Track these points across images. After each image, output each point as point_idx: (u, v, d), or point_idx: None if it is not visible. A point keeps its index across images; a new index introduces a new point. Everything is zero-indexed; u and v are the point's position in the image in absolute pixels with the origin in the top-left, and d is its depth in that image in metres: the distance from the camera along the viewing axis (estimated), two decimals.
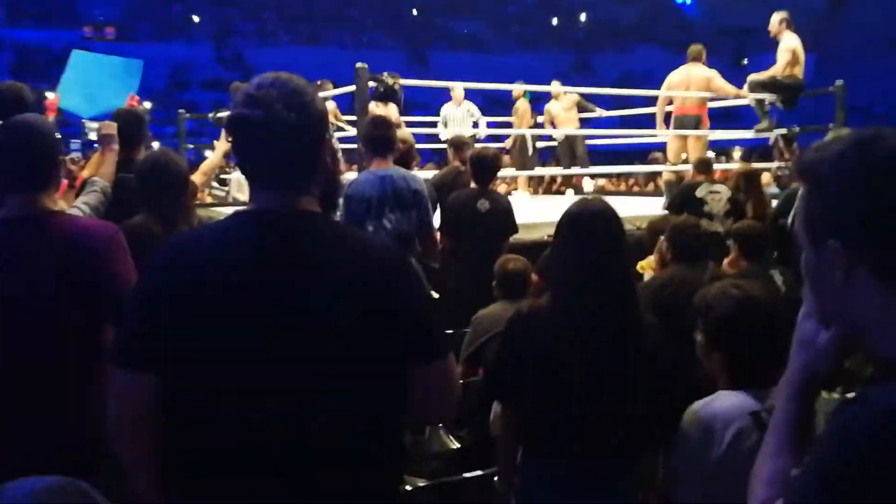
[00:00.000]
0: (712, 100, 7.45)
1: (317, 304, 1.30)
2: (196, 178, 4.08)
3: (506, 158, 10.04)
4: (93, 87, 5.36)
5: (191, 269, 1.31)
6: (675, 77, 7.32)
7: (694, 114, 7.10)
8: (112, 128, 3.28)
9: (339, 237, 1.40)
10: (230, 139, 1.38)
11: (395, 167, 3.99)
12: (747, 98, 7.43)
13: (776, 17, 7.38)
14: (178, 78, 28.82)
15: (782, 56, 7.26)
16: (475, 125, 8.61)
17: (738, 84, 7.52)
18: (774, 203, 5.55)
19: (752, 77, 7.45)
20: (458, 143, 5.76)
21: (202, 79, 28.76)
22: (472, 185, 4.81)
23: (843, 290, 0.89)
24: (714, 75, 7.19)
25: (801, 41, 7.43)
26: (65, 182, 4.22)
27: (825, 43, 36.44)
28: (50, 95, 5.24)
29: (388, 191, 3.82)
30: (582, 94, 9.54)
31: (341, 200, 3.78)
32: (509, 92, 9.82)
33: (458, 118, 8.64)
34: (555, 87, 9.29)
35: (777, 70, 7.31)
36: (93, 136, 3.52)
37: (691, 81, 7.18)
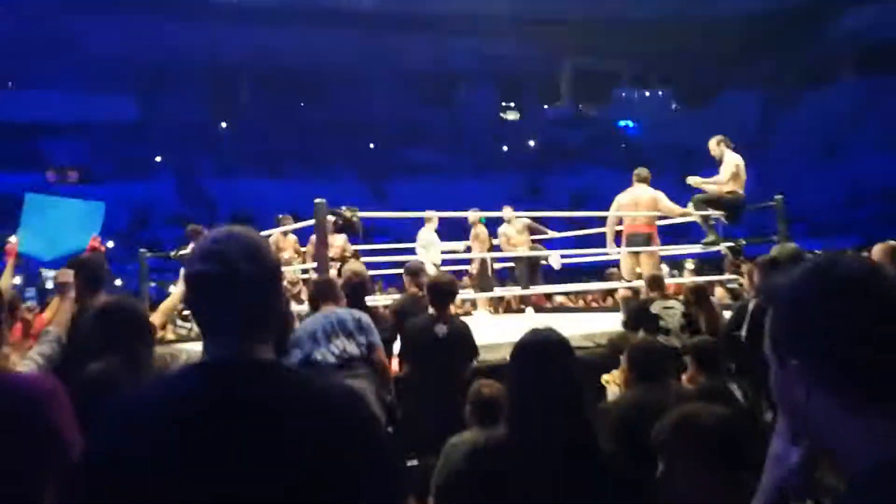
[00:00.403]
0: (661, 218, 7.79)
1: (271, 460, 1.28)
2: (156, 318, 4.10)
3: (467, 280, 10.28)
4: (53, 230, 5.38)
5: (140, 431, 1.29)
6: (623, 198, 7.66)
7: (644, 232, 7.39)
8: (68, 275, 3.28)
9: (293, 386, 1.40)
10: (187, 293, 1.40)
11: (339, 308, 4.26)
12: (693, 216, 7.77)
13: (713, 141, 7.85)
14: (141, 216, 29.00)
15: (727, 168, 7.66)
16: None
17: (683, 199, 7.89)
18: (728, 315, 5.70)
19: (697, 196, 7.82)
20: (413, 270, 5.86)
21: (165, 216, 28.97)
22: (430, 310, 4.88)
23: (807, 408, 0.93)
24: (660, 196, 7.55)
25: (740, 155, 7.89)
26: (19, 330, 4.18)
27: (763, 155, 38.33)
28: (12, 240, 5.26)
29: (331, 322, 4.14)
30: (533, 217, 9.96)
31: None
32: (466, 218, 10.12)
33: (438, 242, 8.86)
34: (506, 212, 9.64)
35: (721, 181, 7.68)
36: (49, 283, 3.53)
37: (639, 202, 7.51)
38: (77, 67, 35.12)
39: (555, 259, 9.38)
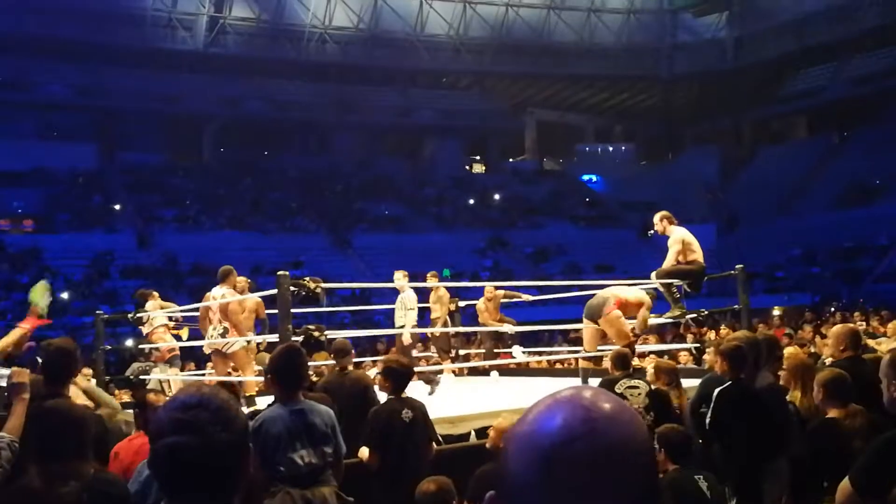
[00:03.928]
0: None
1: None
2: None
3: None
4: None
5: None
6: None
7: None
8: (23, 375, 3.09)
9: None
10: (155, 461, 1.37)
11: (307, 401, 3.94)
12: (655, 285, 7.83)
13: (656, 218, 7.93)
14: (99, 267, 28.36)
15: (672, 248, 7.73)
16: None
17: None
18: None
19: (656, 271, 7.89)
20: (338, 349, 5.89)
21: (123, 267, 28.42)
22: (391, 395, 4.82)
23: None
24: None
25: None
26: None
27: (722, 211, 39.17)
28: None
29: (299, 426, 3.74)
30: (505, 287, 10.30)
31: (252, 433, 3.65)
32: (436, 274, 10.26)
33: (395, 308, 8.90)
34: (487, 286, 10.06)
35: (670, 262, 7.74)
36: (2, 382, 3.30)
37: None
38: (34, 114, 34.81)
39: (518, 352, 9.51)
